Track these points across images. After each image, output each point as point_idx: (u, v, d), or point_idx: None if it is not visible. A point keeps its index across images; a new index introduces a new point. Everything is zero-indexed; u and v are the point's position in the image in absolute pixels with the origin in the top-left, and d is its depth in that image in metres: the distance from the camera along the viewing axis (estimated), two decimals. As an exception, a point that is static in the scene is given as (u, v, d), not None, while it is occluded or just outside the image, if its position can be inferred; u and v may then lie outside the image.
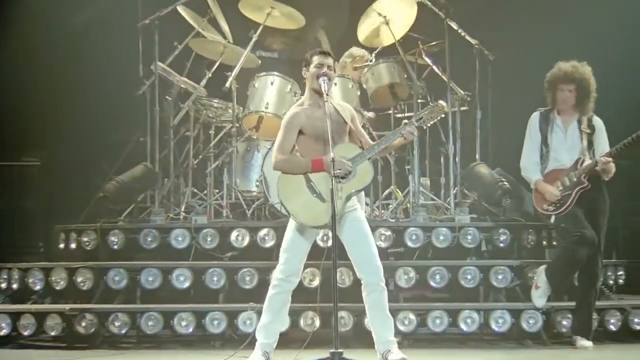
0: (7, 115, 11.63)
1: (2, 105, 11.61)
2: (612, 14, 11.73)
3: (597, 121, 9.02)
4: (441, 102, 7.78)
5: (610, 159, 8.68)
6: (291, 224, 7.57)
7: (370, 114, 11.07)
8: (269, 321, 7.60)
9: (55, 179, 11.83)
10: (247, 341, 8.16)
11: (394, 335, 7.64)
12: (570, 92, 8.93)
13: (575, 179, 8.78)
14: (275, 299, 7.57)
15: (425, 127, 8.02)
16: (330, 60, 7.59)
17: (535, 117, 9.14)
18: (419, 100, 10.87)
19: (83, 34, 11.73)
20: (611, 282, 10.16)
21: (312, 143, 7.51)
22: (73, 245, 10.02)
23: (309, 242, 7.57)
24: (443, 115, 7.84)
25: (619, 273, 10.30)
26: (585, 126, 8.95)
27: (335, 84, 10.18)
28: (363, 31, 11.12)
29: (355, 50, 11.34)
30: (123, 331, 9.12)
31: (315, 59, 7.58)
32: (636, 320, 9.41)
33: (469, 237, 9.87)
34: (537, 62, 11.90)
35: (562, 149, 8.95)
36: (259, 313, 7.79)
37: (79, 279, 9.44)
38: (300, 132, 7.53)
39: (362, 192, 7.75)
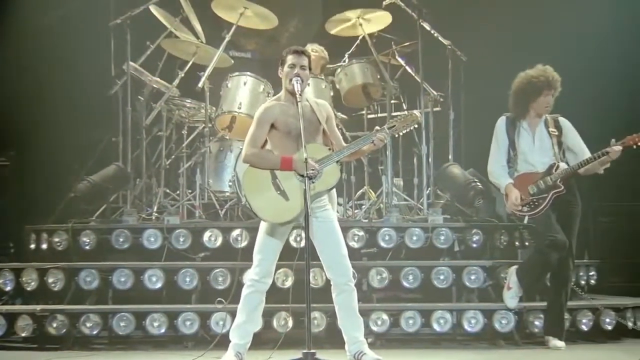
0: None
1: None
2: (580, 16, 11.80)
3: (564, 122, 9.05)
4: (415, 112, 7.80)
5: (621, 148, 8.65)
6: (262, 226, 7.56)
7: (343, 116, 11.07)
8: (242, 322, 7.59)
9: (26, 179, 11.74)
10: (216, 340, 8.18)
11: (366, 335, 7.65)
12: (552, 97, 8.96)
13: (550, 183, 8.81)
14: (250, 299, 7.56)
15: (396, 135, 8.00)
16: (304, 60, 7.57)
17: (501, 121, 9.16)
18: (392, 101, 10.89)
19: (55, 33, 11.64)
20: (583, 282, 10.20)
21: (283, 138, 7.50)
22: (44, 246, 9.95)
23: (280, 242, 7.57)
24: (416, 126, 7.84)
25: (591, 273, 10.35)
26: (553, 128, 8.98)
27: (309, 84, 10.15)
28: (335, 25, 11.10)
29: (315, 46, 11.26)
30: (95, 332, 9.06)
31: (289, 59, 7.57)
32: (607, 320, 9.46)
33: (442, 237, 9.89)
34: (509, 63, 11.98)
35: (531, 151, 8.97)
36: (232, 313, 7.77)
37: (50, 280, 9.37)
38: (273, 127, 7.52)
39: (334, 193, 7.75)
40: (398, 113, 10.84)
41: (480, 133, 11.55)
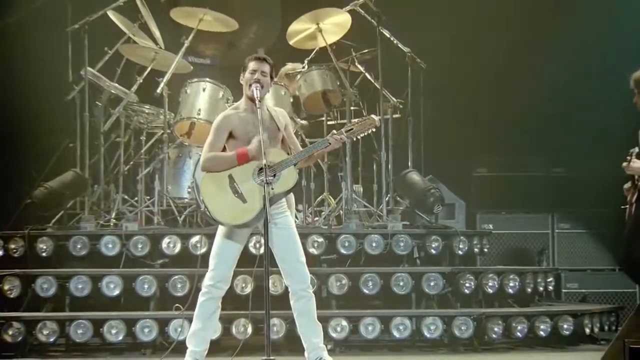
0: None
1: None
2: (541, 18, 11.95)
3: None
4: (373, 116, 7.77)
5: None
6: (220, 231, 7.52)
7: (303, 122, 11.07)
8: (199, 328, 7.54)
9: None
10: (172, 347, 8.12)
11: (325, 342, 7.63)
12: None
13: None
14: (205, 305, 7.50)
15: (354, 139, 7.99)
16: (265, 67, 7.55)
17: None
18: (352, 108, 10.88)
19: (11, 37, 11.54)
20: (541, 288, 10.27)
21: (242, 147, 7.47)
22: (0, 252, 9.85)
23: (238, 248, 7.52)
24: (374, 130, 7.83)
25: (549, 280, 10.43)
26: None
27: (269, 91, 10.14)
28: (294, 35, 11.09)
29: (288, 67, 11.28)
30: (51, 340, 8.98)
31: (251, 65, 7.54)
32: (565, 326, 9.52)
33: (402, 244, 9.91)
34: (467, 69, 12.07)
35: None
36: (190, 320, 7.72)
37: (6, 287, 9.30)
38: (231, 136, 7.48)
39: (292, 199, 7.73)
40: (357, 120, 10.84)
41: (439, 140, 11.66)
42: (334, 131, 7.70)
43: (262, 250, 7.28)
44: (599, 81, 11.71)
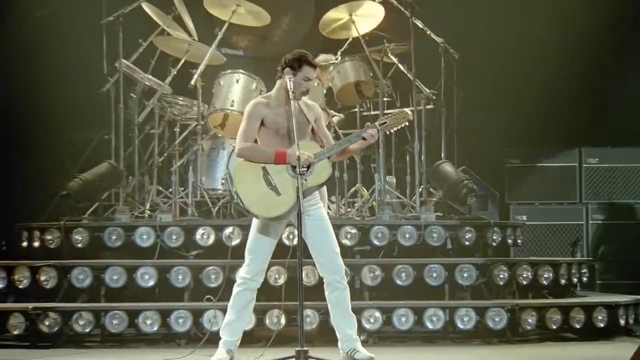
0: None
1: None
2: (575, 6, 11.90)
3: None
4: (406, 109, 7.77)
5: None
6: (254, 224, 7.55)
7: (337, 114, 11.08)
8: (233, 319, 7.58)
9: (18, 177, 11.72)
10: (205, 337, 8.16)
11: (358, 333, 7.65)
12: None
13: None
14: (240, 296, 7.55)
15: (387, 132, 7.99)
16: (316, 73, 7.58)
17: None
18: (385, 99, 10.87)
19: (46, 31, 11.63)
20: (575, 279, 10.23)
21: (271, 136, 7.49)
22: (36, 244, 9.95)
23: (272, 241, 7.55)
24: (407, 123, 7.82)
25: (583, 271, 10.38)
26: None
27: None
28: (327, 25, 11.09)
29: (320, 59, 11.29)
30: (87, 330, 9.05)
31: (306, 70, 7.49)
32: (600, 317, 9.48)
33: (435, 235, 9.89)
34: (502, 60, 12.02)
35: None
36: (224, 311, 7.77)
37: (43, 278, 9.36)
38: (262, 124, 7.50)
39: (325, 190, 7.76)
40: (390, 111, 10.82)
41: (472, 130, 11.63)
42: (368, 124, 7.71)
43: (295, 242, 7.31)
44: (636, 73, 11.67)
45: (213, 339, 7.93)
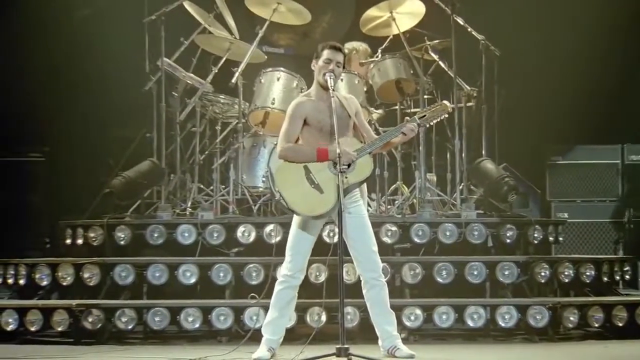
0: (14, 111, 11.65)
1: (9, 100, 11.64)
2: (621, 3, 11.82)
3: None
4: (445, 101, 7.77)
5: None
6: (295, 221, 7.58)
7: (380, 112, 11.08)
8: (275, 317, 7.62)
9: (62, 175, 11.84)
10: (248, 335, 8.21)
11: (399, 330, 7.66)
12: None
13: None
14: (282, 294, 7.59)
15: (427, 126, 7.99)
16: (339, 56, 7.58)
17: None
18: (426, 96, 10.85)
19: (89, 29, 11.74)
20: (618, 277, 10.15)
21: (315, 134, 7.52)
22: (79, 241, 10.02)
23: (313, 238, 7.59)
24: (446, 116, 7.82)
25: (625, 269, 10.30)
26: None
27: (342, 79, 10.18)
28: (368, 23, 11.10)
29: (356, 44, 11.31)
30: (130, 327, 9.12)
31: (325, 54, 7.57)
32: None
33: (475, 232, 9.87)
34: (543, 58, 11.96)
35: None
36: (266, 308, 7.81)
37: (86, 275, 9.44)
38: (305, 123, 7.54)
39: (365, 187, 7.76)
40: (430, 106, 10.82)
41: (513, 128, 11.58)
42: (407, 118, 7.71)
43: (336, 239, 7.34)
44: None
45: (255, 336, 7.98)
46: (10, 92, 11.61)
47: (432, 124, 7.88)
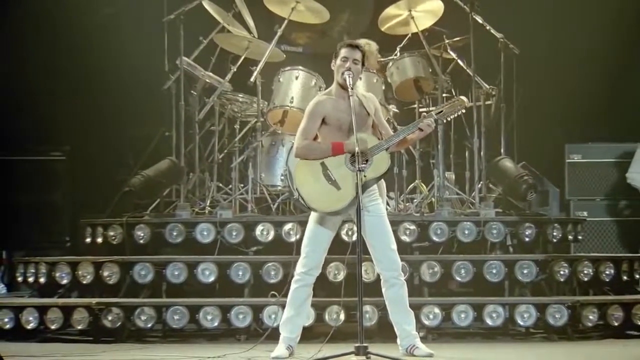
0: (34, 110, 11.71)
1: (29, 99, 11.71)
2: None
3: None
4: (462, 97, 7.76)
5: None
6: (312, 218, 7.59)
7: (392, 107, 11.07)
8: (292, 315, 7.64)
9: (81, 174, 11.88)
10: (267, 334, 8.23)
11: (417, 329, 7.66)
12: None
13: None
14: (298, 292, 7.60)
15: (445, 121, 7.99)
16: (356, 54, 7.59)
17: None
18: (444, 94, 10.85)
19: (108, 29, 11.78)
20: (638, 276, 10.11)
21: (334, 133, 7.53)
22: (99, 240, 10.07)
23: (330, 235, 7.59)
24: (464, 111, 7.81)
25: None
26: None
27: (360, 78, 10.17)
28: (386, 21, 11.10)
29: (363, 42, 11.26)
30: (149, 325, 9.15)
31: (342, 52, 7.59)
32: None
33: (494, 231, 9.86)
34: (561, 56, 11.92)
35: None
36: (283, 307, 7.82)
37: (106, 273, 9.48)
38: (324, 122, 7.55)
39: (384, 185, 7.76)
40: (447, 101, 10.80)
41: (532, 126, 11.56)
42: (424, 114, 7.71)
43: (354, 238, 7.35)
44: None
45: (273, 335, 8.00)
46: (31, 92, 11.66)
47: (449, 119, 7.88)
